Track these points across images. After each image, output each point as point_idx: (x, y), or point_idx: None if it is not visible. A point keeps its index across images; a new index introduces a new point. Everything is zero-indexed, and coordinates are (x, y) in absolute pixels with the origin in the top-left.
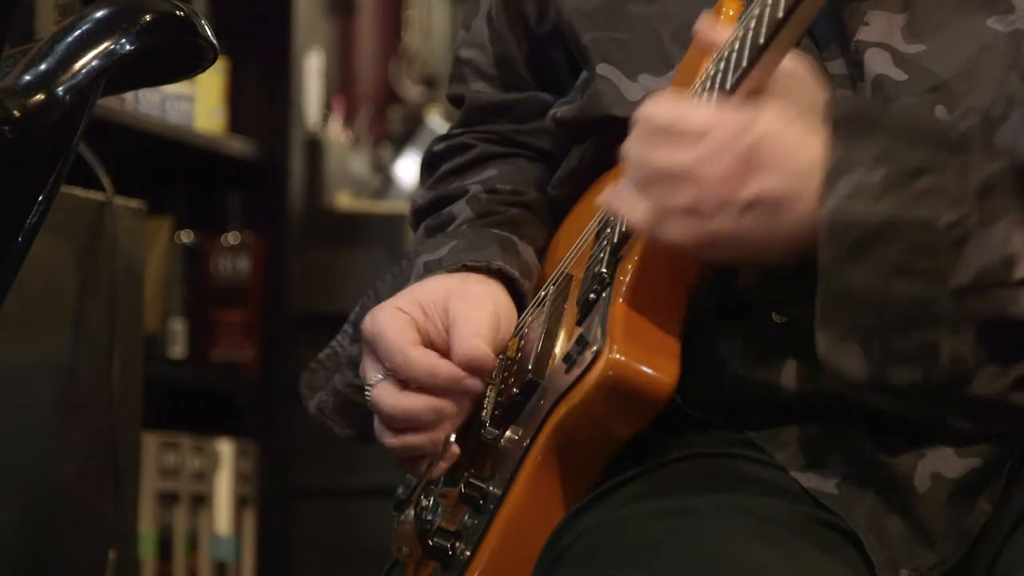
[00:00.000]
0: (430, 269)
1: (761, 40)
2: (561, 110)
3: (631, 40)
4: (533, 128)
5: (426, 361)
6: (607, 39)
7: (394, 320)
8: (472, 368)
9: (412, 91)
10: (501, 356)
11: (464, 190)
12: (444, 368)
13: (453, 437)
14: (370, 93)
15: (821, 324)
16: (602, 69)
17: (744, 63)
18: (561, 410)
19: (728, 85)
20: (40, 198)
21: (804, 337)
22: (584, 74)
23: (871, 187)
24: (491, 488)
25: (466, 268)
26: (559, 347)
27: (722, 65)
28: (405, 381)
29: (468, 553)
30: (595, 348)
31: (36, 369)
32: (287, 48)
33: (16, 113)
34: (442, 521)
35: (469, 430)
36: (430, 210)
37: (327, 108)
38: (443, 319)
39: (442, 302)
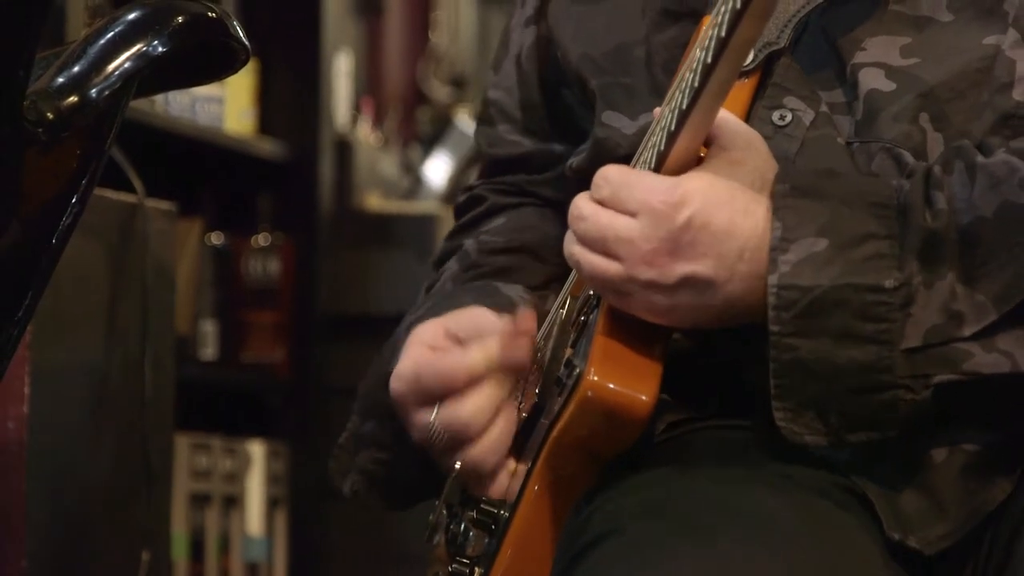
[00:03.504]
0: (411, 329)
1: (673, 127)
2: (576, 160)
3: (635, 84)
4: (543, 179)
5: (467, 356)
6: (614, 84)
7: (419, 356)
8: (520, 327)
9: (440, 92)
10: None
11: (460, 246)
12: (494, 334)
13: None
14: (398, 94)
15: (776, 395)
16: (607, 117)
17: (662, 145)
18: (553, 434)
19: (654, 162)
20: (73, 200)
21: None
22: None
23: (815, 257)
24: (501, 512)
25: None
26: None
27: (659, 130)
28: (460, 390)
29: (486, 572)
30: (578, 371)
31: (69, 370)
32: (316, 50)
33: (49, 115)
34: (469, 547)
35: None
36: (435, 266)
37: (356, 109)
38: (452, 340)
39: (440, 332)
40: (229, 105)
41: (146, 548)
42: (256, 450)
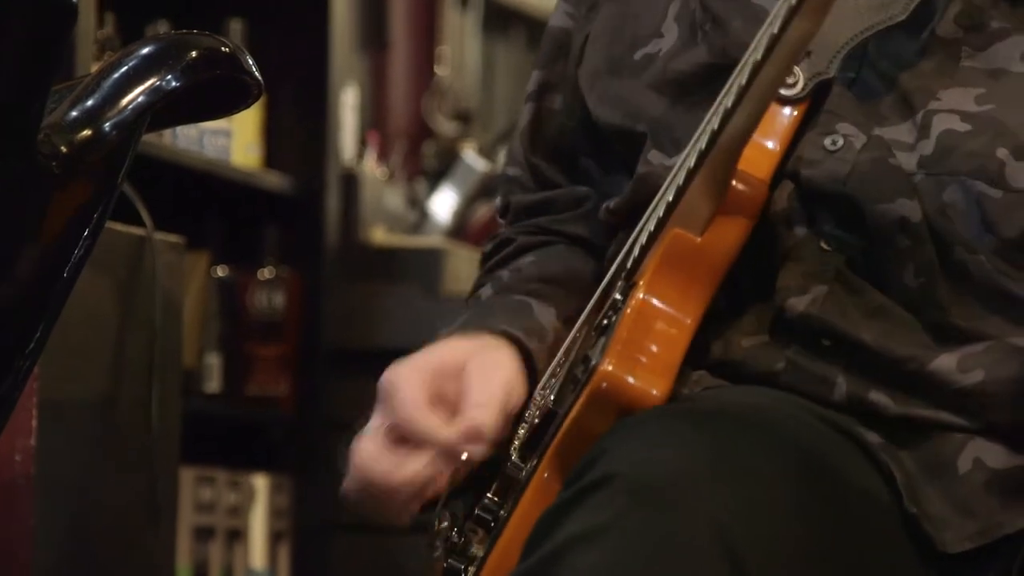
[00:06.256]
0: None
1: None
2: (613, 202)
3: (682, 136)
4: (569, 216)
5: (427, 424)
6: (664, 134)
7: (411, 377)
8: (470, 438)
9: (445, 126)
10: (540, 394)
11: (492, 279)
12: (443, 435)
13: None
14: (404, 128)
15: None
16: (652, 156)
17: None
18: (563, 428)
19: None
20: (85, 234)
21: (852, 358)
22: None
23: None
24: (502, 512)
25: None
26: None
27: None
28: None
29: (479, 570)
30: (593, 363)
31: (77, 403)
32: (323, 83)
33: (63, 149)
34: (469, 547)
35: (496, 465)
36: (466, 301)
37: (362, 143)
38: (459, 380)
39: (460, 363)
40: (236, 138)
41: None
42: (260, 483)
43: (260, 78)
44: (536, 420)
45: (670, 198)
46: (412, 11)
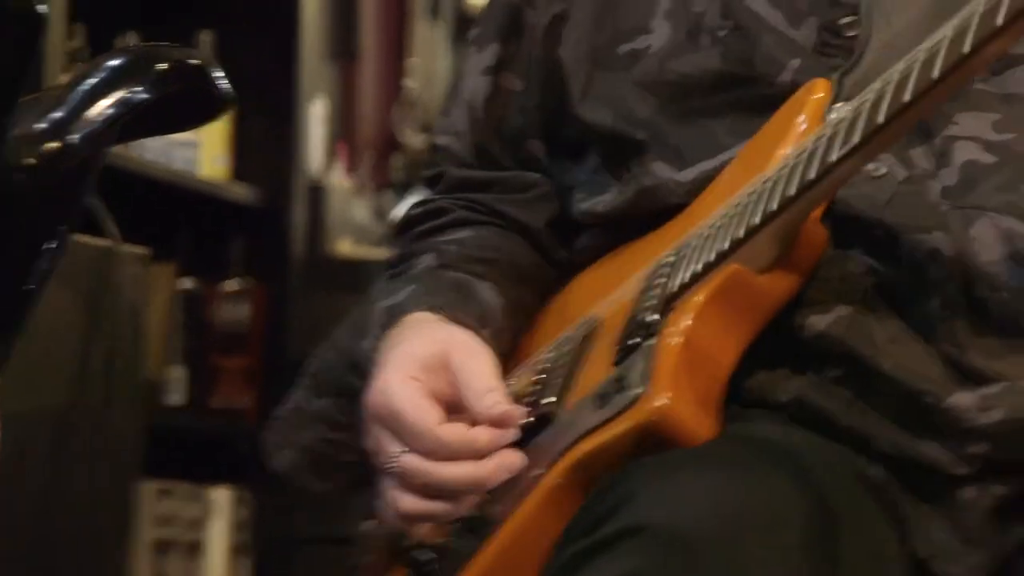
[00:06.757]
0: (393, 314)
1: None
2: (601, 205)
3: (682, 144)
4: (518, 199)
5: (460, 436)
6: (663, 142)
7: (411, 396)
8: (504, 424)
9: (414, 138)
10: (514, 383)
11: (433, 247)
12: (483, 437)
13: None
14: (372, 140)
15: None
16: (658, 168)
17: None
18: (587, 444)
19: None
20: (52, 246)
21: (861, 390)
22: (592, 162)
23: None
24: (488, 510)
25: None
26: (584, 385)
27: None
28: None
29: (455, 568)
30: (636, 392)
31: (37, 415)
32: (291, 95)
33: (31, 161)
34: (436, 538)
35: None
36: (396, 264)
37: (331, 155)
38: (447, 372)
39: (442, 356)
40: (203, 150)
41: None
42: (221, 496)
43: (230, 91)
44: (531, 419)
45: (740, 234)
46: (381, 23)
